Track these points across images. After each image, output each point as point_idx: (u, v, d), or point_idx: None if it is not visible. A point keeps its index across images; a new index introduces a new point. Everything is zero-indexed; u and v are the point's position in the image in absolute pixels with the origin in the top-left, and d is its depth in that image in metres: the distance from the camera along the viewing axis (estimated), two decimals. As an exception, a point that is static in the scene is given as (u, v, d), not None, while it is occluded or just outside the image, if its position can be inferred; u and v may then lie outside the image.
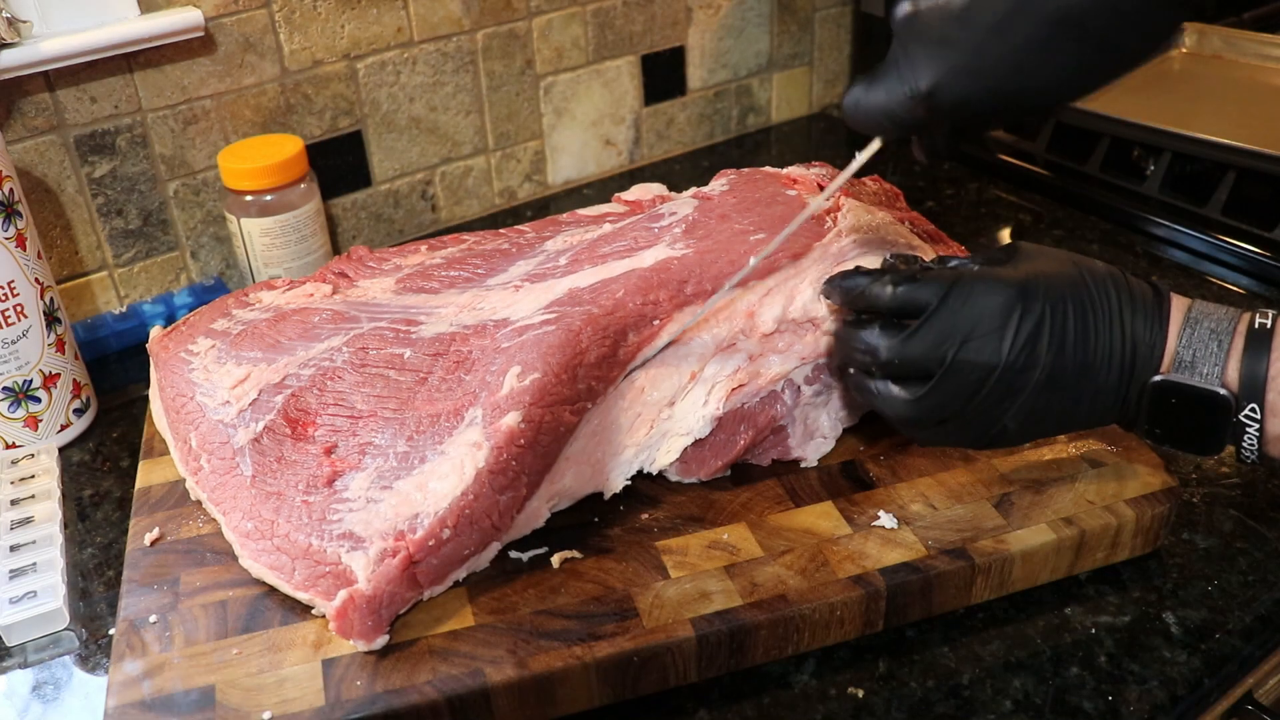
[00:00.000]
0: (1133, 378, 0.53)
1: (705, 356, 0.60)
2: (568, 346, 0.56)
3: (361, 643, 0.51)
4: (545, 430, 0.54)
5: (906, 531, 0.57)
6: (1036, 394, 0.53)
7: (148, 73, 0.84)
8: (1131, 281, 0.54)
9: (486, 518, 0.53)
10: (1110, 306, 0.53)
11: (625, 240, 0.66)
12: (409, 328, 0.64)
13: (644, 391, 0.59)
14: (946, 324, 0.53)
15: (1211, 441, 0.52)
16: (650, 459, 0.60)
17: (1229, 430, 0.51)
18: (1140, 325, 0.53)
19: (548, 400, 0.55)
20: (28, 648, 0.60)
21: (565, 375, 0.56)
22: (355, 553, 0.52)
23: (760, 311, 0.61)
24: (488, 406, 0.55)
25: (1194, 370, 0.51)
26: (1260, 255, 0.87)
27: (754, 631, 0.53)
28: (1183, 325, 0.52)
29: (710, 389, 0.60)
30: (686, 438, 0.60)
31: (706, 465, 0.61)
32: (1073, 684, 0.54)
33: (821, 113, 1.27)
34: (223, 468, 0.59)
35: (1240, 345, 0.51)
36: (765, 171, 0.74)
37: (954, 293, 0.53)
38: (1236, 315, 0.52)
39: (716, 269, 0.61)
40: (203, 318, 0.71)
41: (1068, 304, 0.53)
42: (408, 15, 0.94)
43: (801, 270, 0.62)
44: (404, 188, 1.01)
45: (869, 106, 0.53)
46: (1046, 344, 0.52)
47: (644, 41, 1.09)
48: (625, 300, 0.59)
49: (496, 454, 0.53)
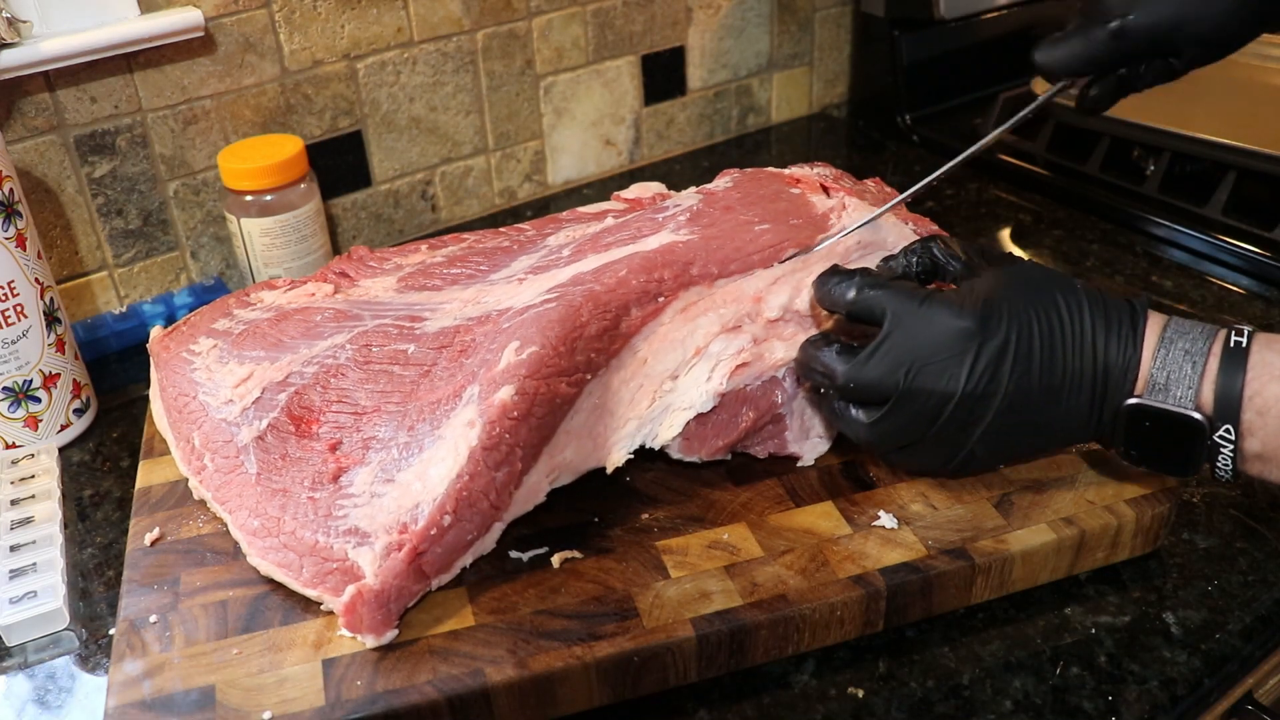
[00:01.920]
0: (1105, 400, 0.53)
1: (710, 334, 0.60)
2: (567, 320, 0.56)
3: (371, 637, 0.51)
4: (540, 402, 0.54)
5: (906, 531, 0.57)
6: (1000, 419, 0.53)
7: (148, 73, 0.84)
8: (1108, 301, 0.54)
9: (484, 498, 0.53)
10: (1082, 328, 0.53)
11: (629, 230, 0.67)
12: (412, 324, 0.64)
13: (646, 363, 0.59)
14: (902, 349, 0.53)
15: (1187, 463, 0.52)
16: (652, 433, 0.60)
17: (1204, 452, 0.51)
18: (1114, 347, 0.52)
19: (544, 372, 0.55)
20: (28, 648, 0.60)
21: (563, 348, 0.55)
22: (361, 548, 0.52)
23: (768, 298, 0.61)
24: (484, 382, 0.55)
25: (1168, 393, 0.51)
26: (1260, 255, 0.87)
27: (754, 631, 0.53)
28: (1157, 345, 0.52)
29: (714, 365, 0.60)
30: (689, 411, 0.59)
31: (709, 444, 0.61)
32: (1073, 684, 0.54)
33: (821, 113, 1.27)
34: (227, 466, 0.59)
35: (1215, 365, 0.50)
36: (768, 171, 0.74)
37: (910, 316, 0.53)
38: (1212, 333, 0.51)
39: (722, 254, 0.62)
40: (204, 318, 0.71)
41: (1034, 327, 0.52)
42: (408, 15, 0.94)
43: (808, 263, 0.63)
44: (404, 188, 1.01)
45: (1066, 46, 0.62)
46: (1009, 370, 0.52)
47: (644, 41, 1.09)
48: (629, 278, 0.59)
49: (489, 429, 0.53)
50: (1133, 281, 0.87)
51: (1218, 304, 0.84)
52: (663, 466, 0.63)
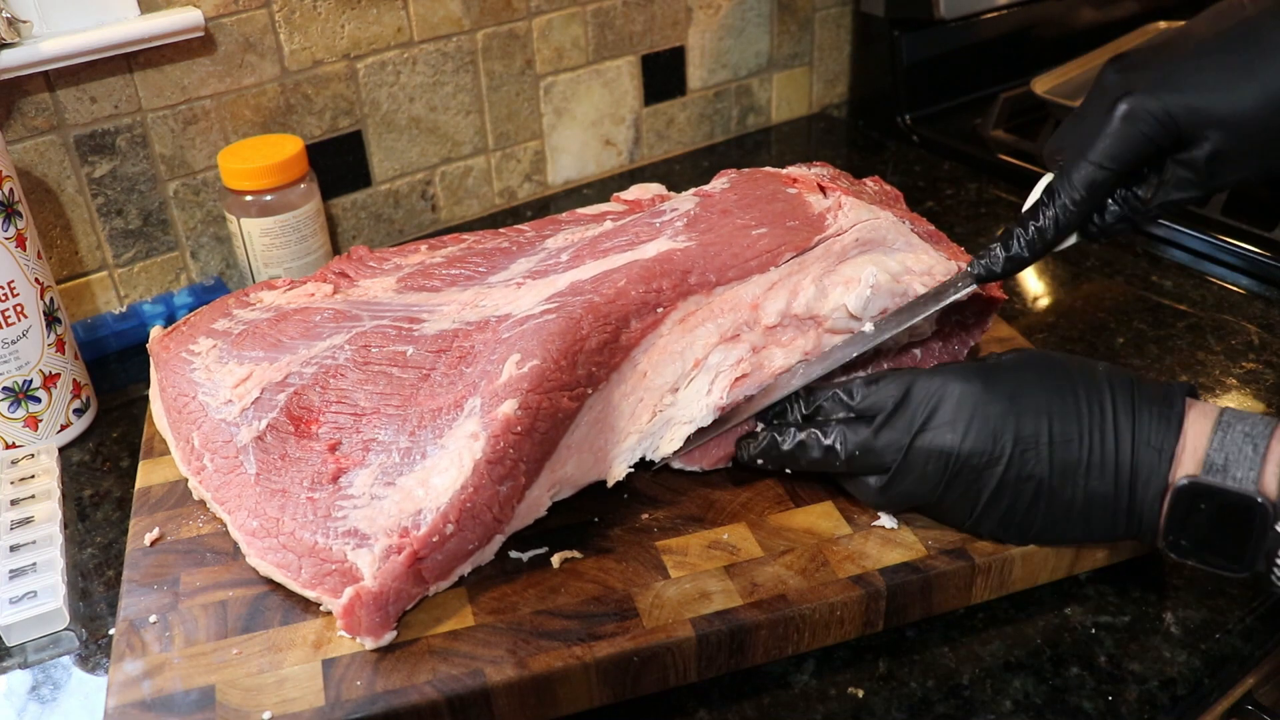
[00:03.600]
0: (1136, 484, 0.51)
1: (709, 345, 0.60)
2: (568, 333, 0.56)
3: (370, 639, 0.51)
4: (543, 417, 0.54)
5: (906, 531, 0.57)
6: (1012, 489, 0.52)
7: (148, 73, 0.84)
8: (1138, 383, 0.53)
9: (488, 510, 0.53)
10: (1104, 408, 0.52)
11: (626, 235, 0.67)
12: (411, 325, 0.64)
13: (646, 376, 0.59)
14: (902, 418, 0.54)
15: (1242, 553, 0.49)
16: (653, 446, 0.60)
17: (1263, 542, 0.48)
18: (1147, 428, 0.51)
19: (546, 386, 0.55)
20: (28, 648, 0.60)
21: (565, 361, 0.56)
22: (361, 550, 0.52)
23: (765, 304, 0.61)
24: (486, 395, 0.55)
25: (1226, 474, 0.48)
26: (1260, 255, 0.87)
27: (754, 631, 0.53)
28: (1214, 428, 0.50)
29: (714, 378, 0.60)
30: (689, 425, 0.60)
31: (710, 454, 0.61)
32: (1073, 684, 0.54)
33: (821, 113, 1.27)
34: (226, 466, 0.59)
35: (1278, 450, 0.48)
36: (766, 171, 0.74)
37: (916, 386, 0.54)
38: (1274, 422, 0.49)
39: (720, 261, 0.62)
40: (203, 318, 0.71)
41: (1044, 398, 0.52)
42: (408, 15, 0.94)
43: (805, 266, 0.62)
44: (404, 188, 1.01)
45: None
46: (1012, 439, 0.52)
47: (644, 41, 1.09)
48: (628, 289, 0.59)
49: (493, 443, 0.53)
50: (1133, 281, 0.87)
51: (1218, 304, 0.84)
52: (663, 466, 0.63)
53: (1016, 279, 0.89)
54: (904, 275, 0.63)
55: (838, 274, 0.63)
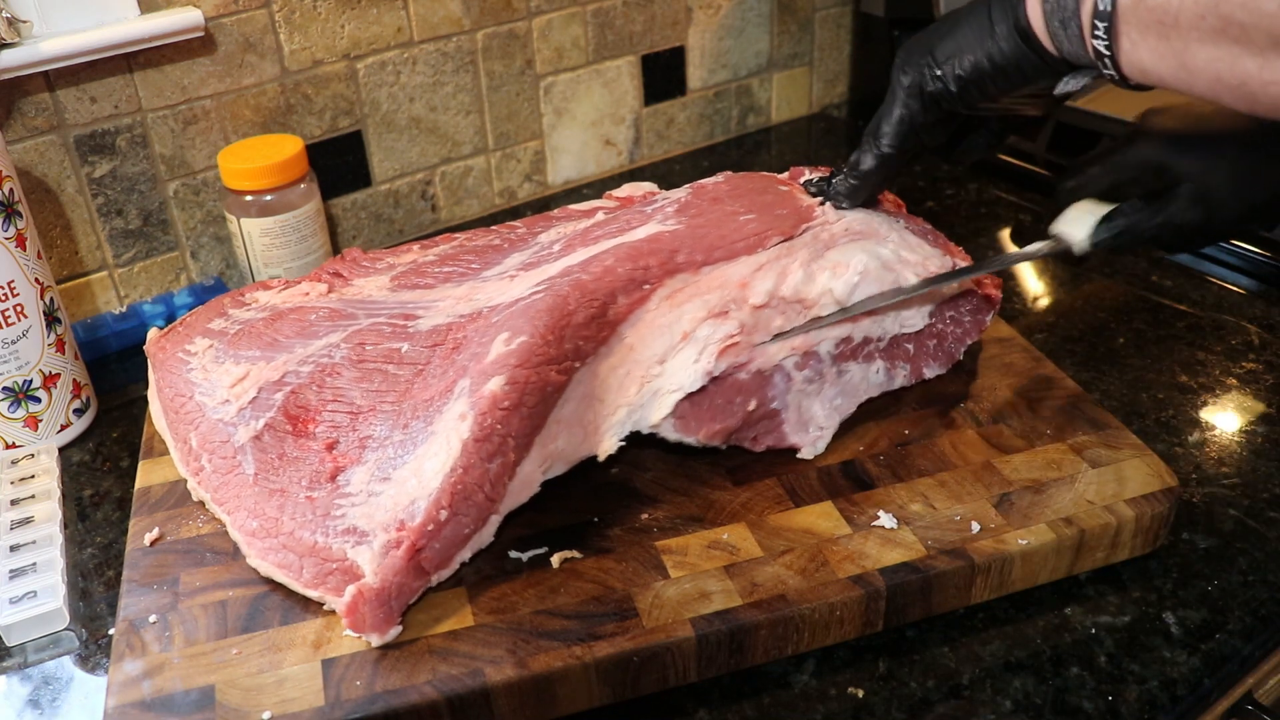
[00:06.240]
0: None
1: (697, 319, 0.60)
2: (555, 309, 0.57)
3: (375, 636, 0.51)
4: (531, 391, 0.54)
5: (906, 531, 0.57)
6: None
7: (148, 73, 0.84)
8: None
9: (479, 490, 0.53)
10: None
11: (617, 224, 0.67)
12: (406, 322, 0.64)
13: (634, 350, 0.59)
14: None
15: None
16: (643, 418, 0.59)
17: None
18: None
19: (533, 361, 0.55)
20: (28, 648, 0.60)
21: (551, 336, 0.56)
22: (360, 547, 0.52)
23: (753, 283, 0.61)
24: (474, 375, 0.55)
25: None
26: (1260, 255, 0.87)
27: (754, 631, 0.53)
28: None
29: (702, 348, 0.59)
30: (678, 393, 0.59)
31: (705, 426, 0.60)
32: (1073, 684, 0.54)
33: (821, 113, 1.27)
34: (225, 466, 0.59)
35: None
36: (762, 174, 0.74)
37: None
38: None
39: (707, 241, 0.62)
40: (199, 318, 0.71)
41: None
42: (408, 15, 0.94)
43: (793, 250, 0.63)
44: (404, 188, 1.01)
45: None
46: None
47: (644, 41, 1.09)
48: (614, 266, 0.59)
49: (480, 420, 0.53)
50: (1133, 282, 0.87)
51: (1217, 304, 0.84)
52: (662, 467, 0.63)
53: (1017, 279, 0.89)
54: (895, 264, 0.63)
55: (826, 259, 0.63)
